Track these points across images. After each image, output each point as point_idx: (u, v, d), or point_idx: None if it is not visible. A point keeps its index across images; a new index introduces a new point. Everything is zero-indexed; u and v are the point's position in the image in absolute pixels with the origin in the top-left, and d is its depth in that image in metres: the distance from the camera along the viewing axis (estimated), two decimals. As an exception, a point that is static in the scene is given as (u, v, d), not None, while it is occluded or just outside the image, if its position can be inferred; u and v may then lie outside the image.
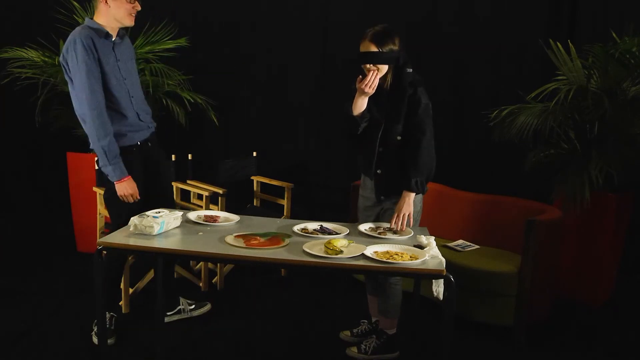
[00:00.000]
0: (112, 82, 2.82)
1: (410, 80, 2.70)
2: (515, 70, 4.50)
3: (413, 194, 2.70)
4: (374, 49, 2.64)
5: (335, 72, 4.96)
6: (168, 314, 3.23)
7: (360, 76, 2.66)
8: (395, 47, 2.67)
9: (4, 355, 2.81)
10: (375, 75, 2.63)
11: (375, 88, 2.64)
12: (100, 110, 2.75)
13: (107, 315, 2.96)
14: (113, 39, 2.84)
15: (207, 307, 3.39)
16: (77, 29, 2.78)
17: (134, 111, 2.94)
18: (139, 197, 2.89)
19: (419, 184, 2.70)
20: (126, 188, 2.83)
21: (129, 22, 2.81)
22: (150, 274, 3.60)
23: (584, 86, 3.54)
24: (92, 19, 2.82)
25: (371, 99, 2.75)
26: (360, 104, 2.71)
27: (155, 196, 3.02)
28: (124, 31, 2.95)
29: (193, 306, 3.32)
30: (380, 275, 2.85)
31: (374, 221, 2.83)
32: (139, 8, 2.81)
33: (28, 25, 4.98)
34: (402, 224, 2.67)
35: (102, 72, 2.77)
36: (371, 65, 2.65)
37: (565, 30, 4.33)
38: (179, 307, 3.29)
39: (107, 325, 2.97)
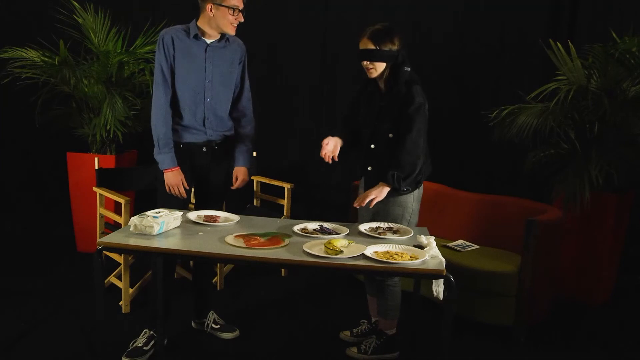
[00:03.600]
0: (186, 79, 2.87)
1: (406, 79, 2.70)
2: (515, 70, 4.49)
3: (387, 188, 2.67)
4: (371, 46, 2.66)
5: (335, 71, 4.96)
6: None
7: (325, 141, 2.76)
8: (394, 46, 2.67)
9: (4, 355, 2.81)
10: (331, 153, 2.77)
11: (330, 159, 2.77)
12: (160, 103, 2.87)
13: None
14: (209, 41, 2.89)
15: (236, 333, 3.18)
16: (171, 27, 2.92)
17: (202, 112, 2.93)
18: (184, 192, 2.93)
19: (395, 178, 2.64)
20: (170, 178, 2.89)
21: (230, 31, 2.86)
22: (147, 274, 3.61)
23: (584, 86, 3.54)
24: (197, 20, 2.90)
25: (365, 98, 2.77)
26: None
27: (202, 200, 3.08)
28: (234, 37, 2.96)
29: (219, 326, 3.18)
30: (378, 277, 2.86)
31: (369, 221, 2.81)
32: (242, 19, 2.83)
33: (28, 25, 4.97)
34: (360, 200, 2.67)
35: (175, 68, 2.86)
36: (368, 62, 2.68)
37: (565, 30, 4.32)
38: (206, 321, 3.20)
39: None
